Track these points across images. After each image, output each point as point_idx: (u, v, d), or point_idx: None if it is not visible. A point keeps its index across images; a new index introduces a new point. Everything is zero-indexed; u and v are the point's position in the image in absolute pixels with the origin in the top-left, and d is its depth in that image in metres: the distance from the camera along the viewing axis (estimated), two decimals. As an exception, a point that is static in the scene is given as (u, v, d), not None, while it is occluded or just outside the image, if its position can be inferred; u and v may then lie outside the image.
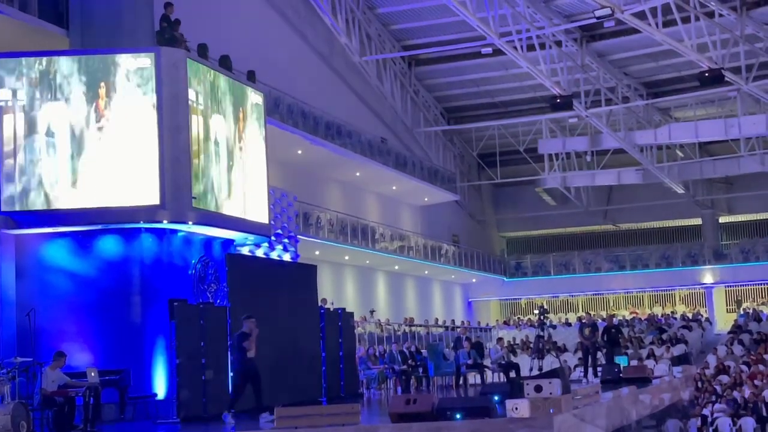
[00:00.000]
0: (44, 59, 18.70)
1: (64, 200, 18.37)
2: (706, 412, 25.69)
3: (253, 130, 21.56)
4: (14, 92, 18.56)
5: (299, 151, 31.72)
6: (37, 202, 18.35)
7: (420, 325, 36.47)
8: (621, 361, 23.50)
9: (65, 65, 18.67)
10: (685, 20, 35.42)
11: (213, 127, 19.86)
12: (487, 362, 26.65)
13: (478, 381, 25.41)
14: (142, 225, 18.73)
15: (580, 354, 28.06)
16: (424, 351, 27.52)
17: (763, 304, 44.72)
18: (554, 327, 41.01)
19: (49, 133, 18.49)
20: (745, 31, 36.52)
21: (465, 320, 43.43)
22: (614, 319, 28.03)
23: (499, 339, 31.35)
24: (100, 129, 18.53)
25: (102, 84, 18.62)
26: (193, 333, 17.04)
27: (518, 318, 47.49)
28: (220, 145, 20.06)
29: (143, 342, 18.56)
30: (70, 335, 18.19)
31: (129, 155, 18.52)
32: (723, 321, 44.61)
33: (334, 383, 21.65)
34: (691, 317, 42.91)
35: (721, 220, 49.86)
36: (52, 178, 18.39)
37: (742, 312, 42.14)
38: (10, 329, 18.07)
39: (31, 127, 18.51)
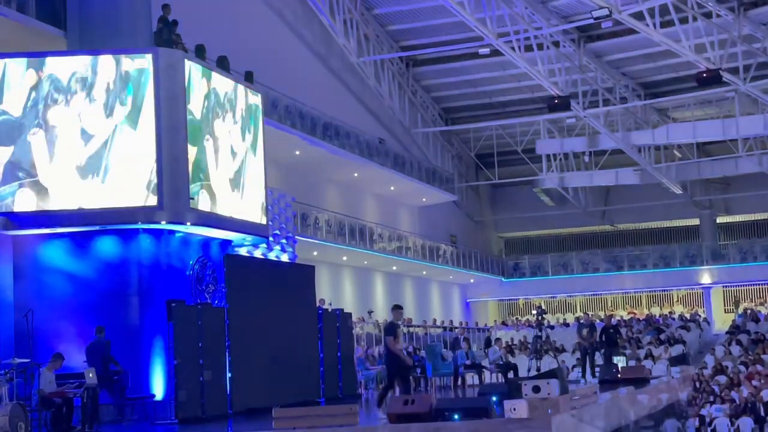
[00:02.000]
0: (41, 60, 18.70)
1: (62, 201, 18.36)
2: (704, 412, 25.72)
3: (251, 131, 21.56)
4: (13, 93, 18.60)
5: (297, 152, 31.72)
6: (34, 203, 18.34)
7: (418, 326, 36.48)
8: (619, 361, 23.49)
9: (64, 65, 18.67)
10: (683, 21, 35.44)
11: (212, 128, 19.87)
12: (485, 363, 26.66)
13: (476, 381, 25.41)
14: (140, 226, 18.73)
15: (578, 354, 28.08)
16: (422, 351, 27.51)
17: (761, 304, 44.76)
18: (552, 327, 40.99)
19: (48, 134, 18.50)
20: (743, 31, 36.54)
21: (463, 321, 43.48)
22: (612, 319, 28.05)
23: (497, 339, 31.35)
24: (99, 129, 18.53)
25: (101, 85, 18.63)
26: (191, 334, 17.03)
27: (516, 318, 47.51)
28: (218, 146, 20.07)
29: (141, 343, 18.57)
30: (68, 336, 18.18)
31: (127, 156, 18.52)
32: (721, 321, 44.65)
33: (332, 384, 21.64)
34: (689, 317, 42.95)
35: (719, 220, 49.88)
36: (50, 179, 18.38)
37: (740, 312, 42.19)
38: (8, 330, 18.06)
39: (29, 128, 18.52)
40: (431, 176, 42.51)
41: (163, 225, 18.84)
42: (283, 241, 25.10)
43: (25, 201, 18.35)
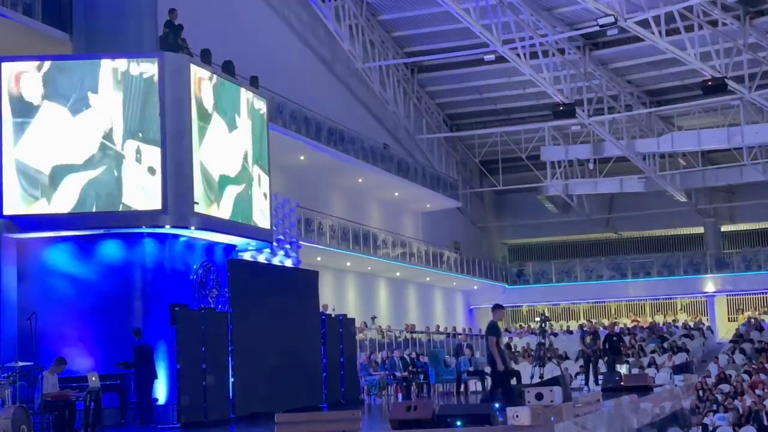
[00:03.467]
0: (46, 63, 18.73)
1: (66, 204, 18.37)
2: (707, 421, 25.67)
3: (255, 136, 21.57)
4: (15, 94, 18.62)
5: (302, 157, 31.74)
6: (39, 206, 18.35)
7: (421, 332, 36.43)
8: (622, 369, 23.46)
9: (68, 68, 18.70)
10: (689, 29, 35.44)
11: (216, 132, 19.89)
12: (488, 369, 26.61)
13: (479, 388, 25.40)
14: (144, 230, 18.74)
15: (581, 362, 28.06)
16: (425, 358, 27.50)
17: (765, 313, 44.67)
18: (555, 335, 40.99)
19: (52, 137, 18.52)
20: (749, 40, 36.52)
21: (466, 327, 43.42)
22: (616, 327, 28.04)
23: (501, 346, 31.26)
24: (103, 133, 18.55)
25: (106, 88, 18.66)
26: (194, 338, 17.03)
27: (519, 325, 47.46)
28: (222, 150, 20.08)
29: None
30: (71, 339, 18.21)
31: (131, 159, 18.54)
32: (725, 330, 44.57)
33: (334, 389, 21.62)
34: (692, 326, 42.87)
35: (723, 228, 49.81)
36: (54, 182, 18.39)
37: (744, 321, 42.13)
38: (11, 333, 18.06)
39: (33, 131, 18.55)
40: (435, 182, 42.51)
41: (168, 229, 18.85)
42: (287, 246, 25.09)
43: (29, 204, 18.36)
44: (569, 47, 40.21)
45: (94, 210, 18.36)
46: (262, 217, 21.54)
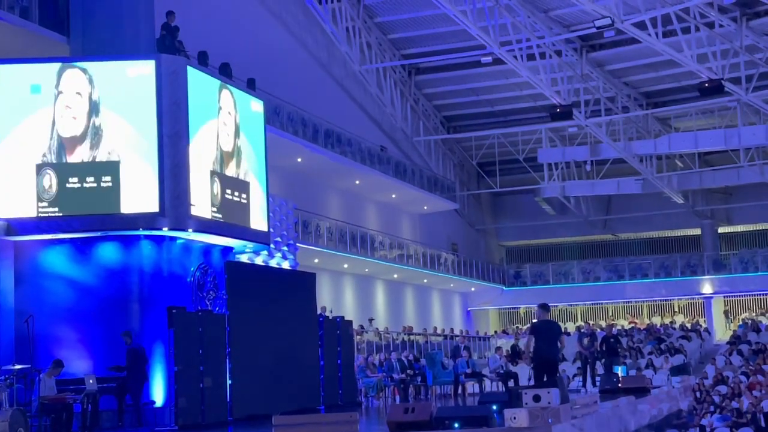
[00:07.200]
0: (45, 65, 18.73)
1: (64, 207, 18.36)
2: (704, 422, 25.66)
3: (252, 138, 21.58)
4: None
5: (299, 159, 31.74)
6: (36, 209, 18.34)
7: (419, 334, 36.43)
8: (619, 370, 23.48)
9: (66, 71, 18.70)
10: (685, 31, 35.47)
11: (214, 134, 19.88)
12: (485, 371, 26.67)
13: (477, 390, 25.40)
14: (141, 232, 18.73)
15: (578, 364, 28.08)
16: (422, 359, 27.52)
17: (762, 314, 44.69)
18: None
19: (51, 138, 18.52)
20: (745, 41, 36.55)
21: (464, 329, 43.45)
22: (613, 328, 28.06)
23: (498, 348, 31.32)
24: (100, 135, 18.55)
25: (103, 91, 18.65)
26: (191, 341, 17.03)
27: (517, 327, 47.45)
28: (221, 153, 20.08)
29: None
30: (68, 342, 18.20)
31: (129, 162, 18.54)
32: (722, 331, 44.60)
33: (332, 391, 21.63)
34: (690, 327, 42.87)
35: (721, 230, 49.83)
36: (52, 184, 18.38)
37: (740, 323, 42.13)
38: (9, 336, 18.06)
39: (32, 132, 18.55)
40: (433, 184, 42.53)
41: (165, 231, 18.85)
42: (285, 248, 25.10)
43: (26, 206, 18.35)
44: (566, 49, 40.24)
45: (91, 213, 18.36)
46: (259, 220, 21.53)
